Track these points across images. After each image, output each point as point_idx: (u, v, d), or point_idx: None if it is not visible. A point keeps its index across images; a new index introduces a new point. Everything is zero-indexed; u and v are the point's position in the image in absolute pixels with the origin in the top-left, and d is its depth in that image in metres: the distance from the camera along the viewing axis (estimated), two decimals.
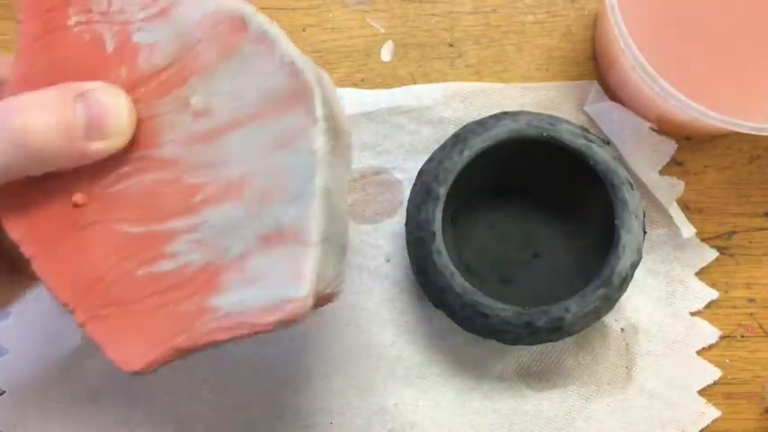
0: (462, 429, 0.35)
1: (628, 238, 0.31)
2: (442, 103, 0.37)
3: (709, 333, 0.36)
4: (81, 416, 0.36)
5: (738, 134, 0.35)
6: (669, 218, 0.36)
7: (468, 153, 0.31)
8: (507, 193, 0.35)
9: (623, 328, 0.36)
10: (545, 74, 0.37)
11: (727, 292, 0.36)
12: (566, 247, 0.35)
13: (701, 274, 0.36)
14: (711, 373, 0.36)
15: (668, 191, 0.36)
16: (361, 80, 0.37)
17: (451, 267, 0.31)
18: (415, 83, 0.37)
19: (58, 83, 0.23)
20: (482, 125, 0.32)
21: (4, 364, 0.36)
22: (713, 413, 0.35)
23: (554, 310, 0.30)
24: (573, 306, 0.30)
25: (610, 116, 0.36)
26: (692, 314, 0.36)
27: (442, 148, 0.33)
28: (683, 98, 0.30)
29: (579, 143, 0.31)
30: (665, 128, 0.35)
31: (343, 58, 0.37)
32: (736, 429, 0.36)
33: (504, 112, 0.33)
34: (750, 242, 0.36)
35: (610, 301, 0.31)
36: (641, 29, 0.31)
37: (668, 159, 0.36)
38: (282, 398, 0.36)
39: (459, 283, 0.31)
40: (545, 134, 0.32)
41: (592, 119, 0.36)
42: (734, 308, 0.36)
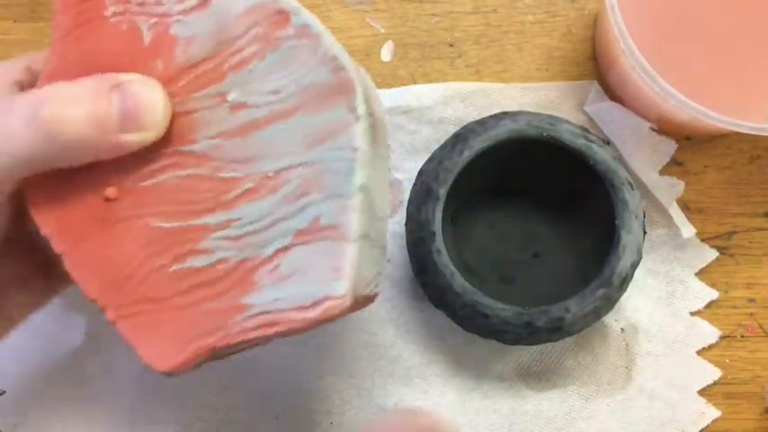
0: (462, 429, 0.35)
1: (628, 239, 0.31)
2: (442, 102, 0.36)
3: (709, 333, 0.36)
4: (81, 416, 0.35)
5: (738, 134, 0.35)
6: (669, 218, 0.36)
7: (469, 153, 0.31)
8: (507, 193, 0.35)
9: (623, 328, 0.36)
10: (545, 74, 0.37)
11: (727, 292, 0.36)
12: (566, 247, 0.35)
13: (700, 274, 0.36)
14: (711, 373, 0.35)
15: (668, 191, 0.36)
16: None
17: (451, 267, 0.31)
18: (415, 83, 0.37)
19: (92, 74, 0.23)
20: (482, 125, 0.32)
21: (5, 365, 0.36)
22: (713, 413, 0.35)
23: (554, 310, 0.30)
24: (573, 306, 0.30)
25: (610, 116, 0.36)
26: (691, 314, 0.36)
27: (442, 148, 0.33)
28: (683, 98, 0.30)
29: (579, 143, 0.31)
30: (665, 128, 0.35)
31: None
32: (736, 429, 0.35)
33: (504, 112, 0.33)
34: (750, 242, 0.36)
35: (610, 302, 0.31)
36: (641, 29, 0.31)
37: (668, 159, 0.36)
38: (282, 398, 0.36)
39: (459, 283, 0.31)
40: (545, 134, 0.31)
41: (592, 119, 0.36)
42: (734, 308, 0.36)
